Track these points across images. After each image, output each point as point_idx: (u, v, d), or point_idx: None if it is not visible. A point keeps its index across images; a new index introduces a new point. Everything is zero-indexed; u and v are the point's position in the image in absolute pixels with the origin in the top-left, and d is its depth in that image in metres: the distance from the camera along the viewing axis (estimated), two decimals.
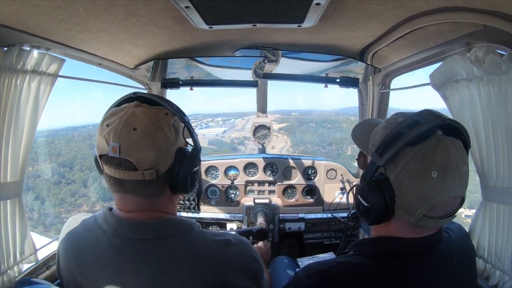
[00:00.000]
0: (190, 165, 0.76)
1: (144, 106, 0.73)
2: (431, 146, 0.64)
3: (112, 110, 0.74)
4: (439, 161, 0.63)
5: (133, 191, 0.72)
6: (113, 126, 0.69)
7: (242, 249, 0.78)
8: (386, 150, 0.68)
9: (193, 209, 2.11)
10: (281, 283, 1.32)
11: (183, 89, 2.00)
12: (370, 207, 0.71)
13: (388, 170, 0.69)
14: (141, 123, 0.69)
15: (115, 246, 0.71)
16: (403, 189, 0.67)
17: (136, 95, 0.77)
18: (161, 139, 0.71)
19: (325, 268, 0.71)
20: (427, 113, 0.68)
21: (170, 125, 0.74)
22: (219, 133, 14.47)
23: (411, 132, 0.65)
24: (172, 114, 0.76)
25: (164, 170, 0.72)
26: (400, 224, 0.71)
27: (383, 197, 0.68)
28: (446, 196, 0.65)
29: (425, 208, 0.65)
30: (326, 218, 2.07)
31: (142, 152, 0.68)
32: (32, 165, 6.24)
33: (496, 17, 0.86)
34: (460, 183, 0.65)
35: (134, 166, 0.68)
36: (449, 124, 0.67)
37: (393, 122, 0.73)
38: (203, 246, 0.73)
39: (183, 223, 0.77)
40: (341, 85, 1.89)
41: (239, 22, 1.16)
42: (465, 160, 0.66)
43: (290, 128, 14.21)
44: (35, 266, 1.11)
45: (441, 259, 0.71)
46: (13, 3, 0.83)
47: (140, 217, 0.73)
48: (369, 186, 0.70)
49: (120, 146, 0.67)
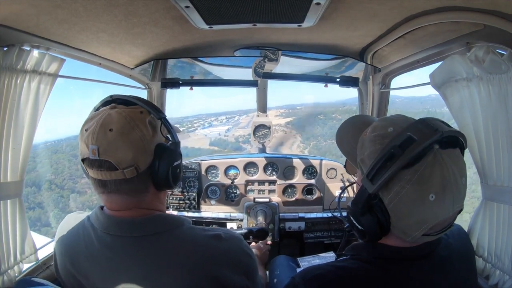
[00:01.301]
0: (170, 160, 0.77)
1: (119, 107, 0.75)
2: (428, 166, 0.58)
3: (91, 115, 0.76)
4: (437, 182, 0.58)
5: (116, 190, 0.73)
6: (91, 129, 0.71)
7: (233, 243, 0.78)
8: (377, 175, 0.61)
9: (194, 208, 2.12)
10: (281, 282, 1.33)
11: (184, 90, 2.01)
12: (364, 230, 0.68)
13: (382, 193, 0.63)
14: (117, 123, 0.71)
15: (106, 244, 0.73)
16: (399, 214, 0.63)
17: (113, 98, 0.80)
18: (138, 137, 0.72)
19: (322, 273, 0.70)
20: (422, 127, 0.61)
21: (146, 123, 0.75)
22: (222, 132, 14.01)
23: (406, 153, 0.58)
24: (147, 112, 0.77)
25: (145, 167, 0.74)
26: (397, 239, 0.69)
27: (377, 220, 0.65)
28: (445, 216, 0.61)
29: (423, 230, 0.62)
30: (326, 217, 2.07)
31: (119, 152, 0.70)
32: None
33: (496, 17, 0.86)
34: (459, 198, 0.61)
35: (114, 166, 0.70)
36: (447, 136, 0.60)
37: (381, 134, 0.66)
38: (193, 241, 0.75)
39: (172, 219, 0.78)
40: (341, 84, 1.90)
41: (239, 22, 1.16)
42: (462, 171, 0.61)
43: (298, 122, 13.73)
44: (35, 266, 1.11)
45: (440, 262, 0.70)
46: (13, 3, 0.83)
47: (127, 215, 0.75)
48: (362, 211, 0.66)
49: (99, 148, 0.69)
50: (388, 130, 0.65)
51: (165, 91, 2.07)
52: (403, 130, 0.62)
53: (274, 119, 15.93)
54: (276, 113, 15.51)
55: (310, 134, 12.03)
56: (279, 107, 15.29)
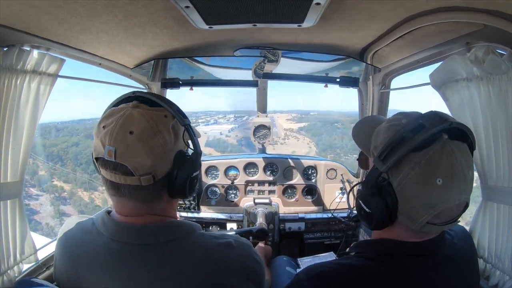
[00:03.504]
0: (189, 170, 0.73)
1: (142, 107, 0.70)
2: (436, 152, 0.62)
3: (110, 111, 0.71)
4: (445, 168, 0.61)
5: (129, 196, 0.69)
6: (110, 128, 0.66)
7: (244, 251, 0.77)
8: (389, 155, 0.65)
9: (193, 209, 2.12)
10: (281, 282, 1.32)
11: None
12: (372, 213, 0.69)
13: (391, 175, 0.66)
14: (138, 126, 0.67)
15: (113, 251, 0.70)
16: (407, 196, 0.65)
17: (135, 95, 0.74)
18: (159, 143, 0.68)
19: (326, 270, 0.70)
20: (433, 116, 0.65)
21: (169, 128, 0.71)
22: (225, 131, 13.00)
23: (416, 137, 0.62)
24: (172, 116, 0.73)
25: (162, 175, 0.70)
26: (402, 229, 0.70)
27: (385, 204, 0.66)
28: (451, 203, 0.63)
29: (429, 216, 0.63)
30: (326, 218, 2.07)
31: (138, 157, 0.66)
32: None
33: (496, 17, 0.86)
34: (466, 189, 0.63)
35: (130, 171, 0.66)
36: (456, 128, 0.64)
37: (396, 123, 0.70)
38: (204, 249, 0.72)
39: (184, 226, 0.75)
40: (341, 85, 1.90)
41: (239, 22, 1.16)
42: (470, 165, 0.64)
43: (312, 129, 12.75)
44: (35, 266, 1.11)
45: (444, 261, 0.71)
46: (13, 3, 0.83)
47: (138, 222, 0.71)
48: (371, 192, 0.68)
49: (116, 150, 0.65)
50: (402, 121, 0.70)
51: (165, 91, 2.07)
52: (416, 119, 0.66)
53: (285, 123, 14.82)
54: (287, 117, 14.82)
55: (327, 144, 11.19)
56: (291, 111, 14.69)
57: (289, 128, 14.86)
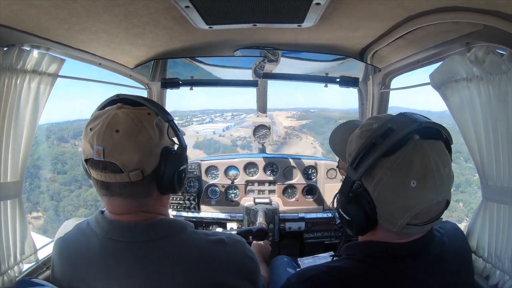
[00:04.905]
0: (176, 164, 0.75)
1: (126, 108, 0.73)
2: (407, 154, 0.62)
3: (96, 114, 0.74)
4: (417, 169, 0.61)
5: (120, 194, 0.71)
6: (96, 129, 0.69)
7: (236, 248, 0.78)
8: (360, 163, 0.65)
9: (193, 209, 2.12)
10: (281, 282, 1.32)
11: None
12: (352, 220, 0.70)
13: (366, 182, 0.67)
14: (124, 124, 0.69)
15: (108, 249, 0.71)
16: (383, 201, 0.65)
17: (119, 97, 0.77)
18: (145, 139, 0.71)
19: (316, 273, 0.71)
20: (401, 118, 0.66)
21: (153, 125, 0.73)
22: (218, 130, 12.36)
23: (385, 142, 0.62)
24: (155, 114, 0.76)
25: (150, 171, 0.72)
26: (384, 232, 0.70)
27: (363, 210, 0.67)
28: (429, 203, 0.63)
29: (408, 218, 0.63)
30: (326, 217, 2.07)
31: (126, 154, 0.68)
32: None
33: (496, 17, 0.86)
34: (442, 187, 0.63)
35: (119, 168, 0.68)
36: (427, 127, 0.64)
37: (367, 129, 0.70)
38: (196, 246, 0.73)
39: (175, 224, 0.77)
40: (341, 84, 1.90)
41: (239, 22, 1.16)
42: (446, 162, 0.64)
43: (315, 126, 12.26)
44: (35, 266, 1.11)
45: (433, 260, 0.71)
46: (13, 3, 0.83)
47: (130, 219, 0.73)
48: (348, 200, 0.69)
49: (104, 149, 0.67)
50: (373, 126, 0.69)
51: (165, 91, 2.07)
52: (385, 122, 0.66)
53: (286, 121, 14.43)
54: (287, 114, 14.59)
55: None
56: (290, 109, 14.38)
57: (290, 126, 14.63)
